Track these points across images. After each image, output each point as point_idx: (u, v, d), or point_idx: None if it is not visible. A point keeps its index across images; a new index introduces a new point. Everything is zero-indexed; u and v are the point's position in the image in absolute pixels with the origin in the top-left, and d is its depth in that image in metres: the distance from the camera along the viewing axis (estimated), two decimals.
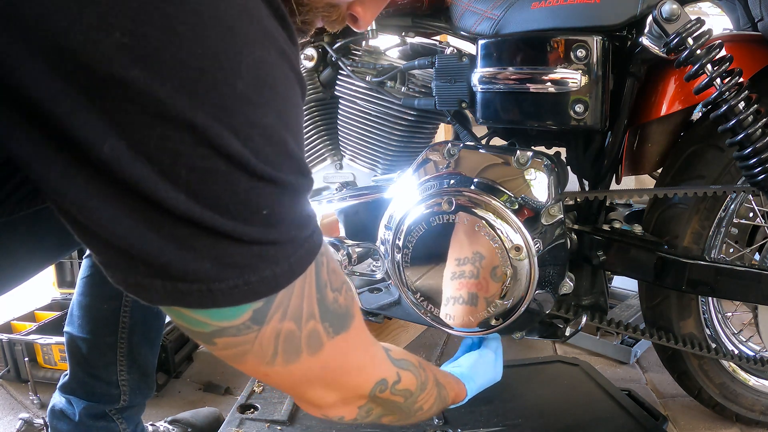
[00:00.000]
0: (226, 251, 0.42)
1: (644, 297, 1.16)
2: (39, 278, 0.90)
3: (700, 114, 1.05)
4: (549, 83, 0.95)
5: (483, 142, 1.16)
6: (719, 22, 1.46)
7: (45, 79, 0.35)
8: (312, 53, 1.25)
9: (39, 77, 0.35)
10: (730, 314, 1.24)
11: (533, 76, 0.97)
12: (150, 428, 1.16)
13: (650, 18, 0.89)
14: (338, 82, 1.24)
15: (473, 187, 0.94)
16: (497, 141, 1.16)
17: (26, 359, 1.42)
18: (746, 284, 0.99)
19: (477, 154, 0.99)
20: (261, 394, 1.23)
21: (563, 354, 1.57)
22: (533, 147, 1.07)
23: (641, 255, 1.03)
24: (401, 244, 0.98)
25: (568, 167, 1.06)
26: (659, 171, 1.12)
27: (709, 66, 0.87)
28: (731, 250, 1.21)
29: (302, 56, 1.25)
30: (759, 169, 0.88)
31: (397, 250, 0.98)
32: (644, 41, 0.92)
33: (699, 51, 0.86)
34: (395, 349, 0.68)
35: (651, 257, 1.02)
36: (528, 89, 0.97)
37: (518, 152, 0.94)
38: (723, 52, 0.87)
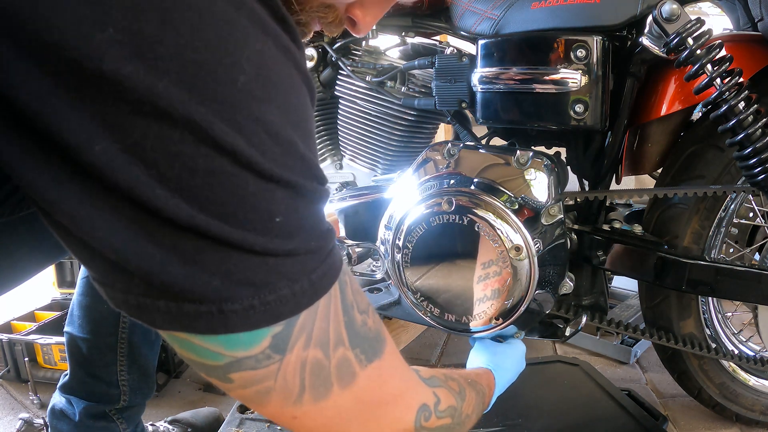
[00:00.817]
0: (237, 266, 0.37)
1: (644, 297, 1.16)
2: (39, 278, 0.90)
3: (700, 114, 1.05)
4: (549, 83, 0.95)
5: (483, 142, 1.16)
6: (719, 22, 1.46)
7: (33, 79, 0.32)
8: (312, 53, 1.26)
9: (27, 77, 0.32)
10: (730, 314, 1.24)
11: (533, 76, 0.97)
12: (150, 428, 1.16)
13: (650, 18, 0.89)
14: (338, 82, 1.24)
15: (473, 187, 0.94)
16: (497, 141, 1.16)
17: (26, 359, 1.42)
18: (746, 284, 0.99)
19: (477, 154, 0.99)
20: None
21: (563, 354, 1.57)
22: (533, 147, 1.07)
23: (641, 255, 1.03)
24: (401, 244, 0.97)
25: (568, 167, 1.06)
26: (659, 171, 1.12)
27: (709, 66, 0.86)
28: (731, 250, 1.21)
29: None
30: (759, 169, 0.88)
31: (397, 250, 0.98)
32: (644, 41, 0.92)
33: (699, 51, 0.86)
34: (422, 369, 0.63)
35: (651, 257, 1.02)
36: (528, 89, 0.97)
37: (518, 152, 0.94)
38: (723, 52, 0.87)
